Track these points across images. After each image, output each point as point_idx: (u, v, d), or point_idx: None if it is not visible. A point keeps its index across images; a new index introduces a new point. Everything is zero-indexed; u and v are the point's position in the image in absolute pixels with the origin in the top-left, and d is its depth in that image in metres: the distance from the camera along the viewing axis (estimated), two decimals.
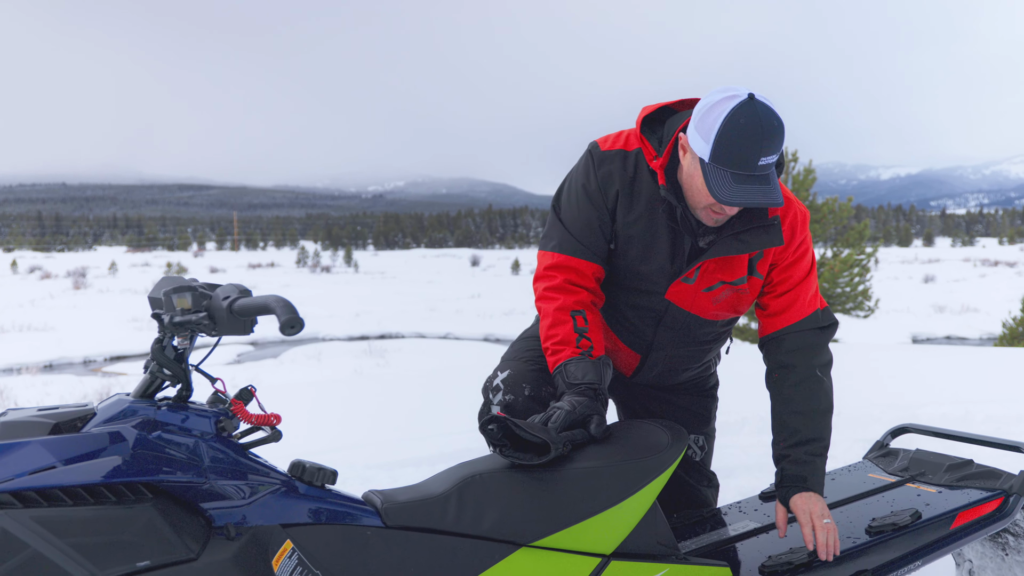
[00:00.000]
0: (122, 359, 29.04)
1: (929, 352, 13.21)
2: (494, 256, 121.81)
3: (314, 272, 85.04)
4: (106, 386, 16.40)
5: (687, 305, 2.62)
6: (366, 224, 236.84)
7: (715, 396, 3.05)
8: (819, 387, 2.58)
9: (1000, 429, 6.18)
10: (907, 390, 8.26)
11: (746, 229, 2.48)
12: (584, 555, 2.10)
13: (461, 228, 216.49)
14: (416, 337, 34.57)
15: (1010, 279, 58.60)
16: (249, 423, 1.93)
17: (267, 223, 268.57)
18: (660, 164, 2.46)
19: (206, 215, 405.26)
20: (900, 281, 56.86)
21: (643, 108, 2.59)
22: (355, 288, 58.96)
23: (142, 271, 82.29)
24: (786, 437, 2.57)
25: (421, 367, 22.20)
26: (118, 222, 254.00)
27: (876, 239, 76.75)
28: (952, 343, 30.34)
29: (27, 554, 1.54)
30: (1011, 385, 8.69)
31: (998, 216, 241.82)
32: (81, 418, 1.80)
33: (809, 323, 2.61)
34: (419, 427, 7.34)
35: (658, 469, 2.20)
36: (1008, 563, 2.96)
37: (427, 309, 43.31)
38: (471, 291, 55.21)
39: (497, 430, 2.16)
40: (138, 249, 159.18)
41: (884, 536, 2.51)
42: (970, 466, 2.91)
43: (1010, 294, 39.18)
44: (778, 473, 2.58)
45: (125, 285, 61.96)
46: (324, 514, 1.91)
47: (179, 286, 1.88)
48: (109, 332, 33.69)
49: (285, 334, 1.73)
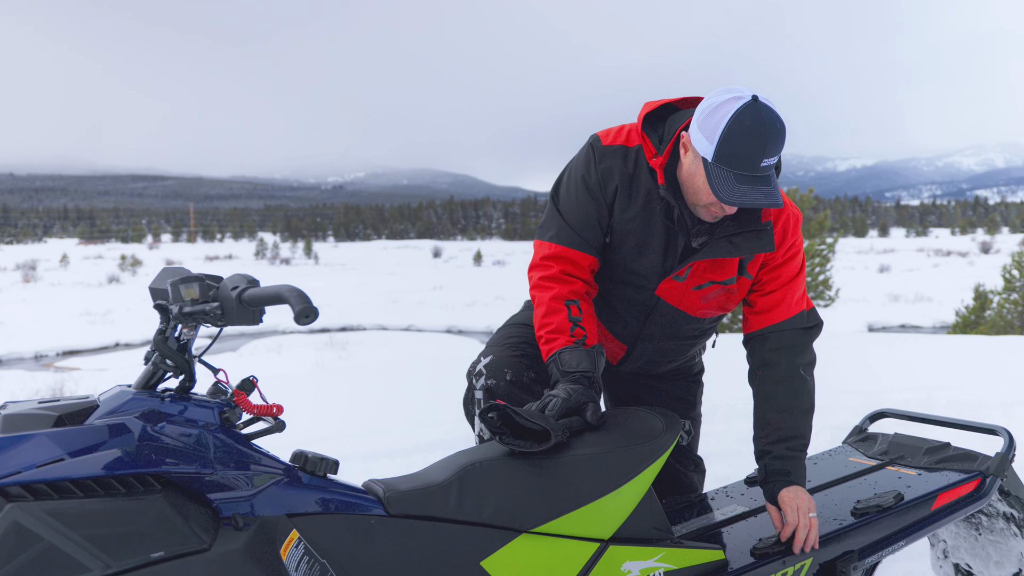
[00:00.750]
0: (75, 354, 28.66)
1: (887, 340, 13.43)
2: (456, 247, 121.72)
3: (273, 264, 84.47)
4: (59, 381, 16.15)
5: (676, 302, 2.65)
6: (326, 215, 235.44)
7: (700, 382, 3.09)
8: (802, 386, 2.62)
9: (963, 414, 6.32)
10: (869, 377, 8.40)
11: (739, 232, 2.50)
12: (583, 540, 2.13)
13: (422, 219, 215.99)
14: (378, 329, 34.50)
15: (962, 269, 59.66)
16: (251, 413, 1.92)
17: (224, 214, 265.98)
18: (660, 163, 2.47)
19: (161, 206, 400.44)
20: (856, 271, 57.65)
21: (645, 104, 2.59)
22: (315, 280, 58.65)
23: (95, 264, 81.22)
24: (768, 434, 2.60)
25: (385, 359, 22.17)
26: (69, 214, 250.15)
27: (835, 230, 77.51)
28: (907, 331, 30.84)
29: (41, 547, 1.53)
30: (969, 371, 8.87)
31: (950, 207, 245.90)
32: (84, 410, 1.78)
33: (795, 323, 2.64)
34: (389, 419, 7.34)
35: (653, 455, 2.23)
36: (981, 542, 3.03)
37: (389, 301, 43.22)
38: (433, 283, 55.18)
39: (497, 418, 2.18)
40: (90, 241, 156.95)
41: (869, 517, 2.57)
42: (948, 449, 2.98)
43: (962, 283, 39.90)
44: (761, 469, 2.60)
45: (77, 278, 61.16)
46: (328, 503, 1.92)
47: (186, 276, 1.87)
48: (61, 326, 33.26)
49: (300, 324, 1.74)
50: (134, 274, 64.90)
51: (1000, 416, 6.32)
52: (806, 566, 2.43)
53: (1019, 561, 2.95)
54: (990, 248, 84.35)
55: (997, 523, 2.96)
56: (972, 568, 3.08)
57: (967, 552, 3.08)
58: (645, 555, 2.21)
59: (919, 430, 3.24)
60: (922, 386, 7.81)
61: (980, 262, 66.51)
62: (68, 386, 15.22)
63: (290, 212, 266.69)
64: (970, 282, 32.05)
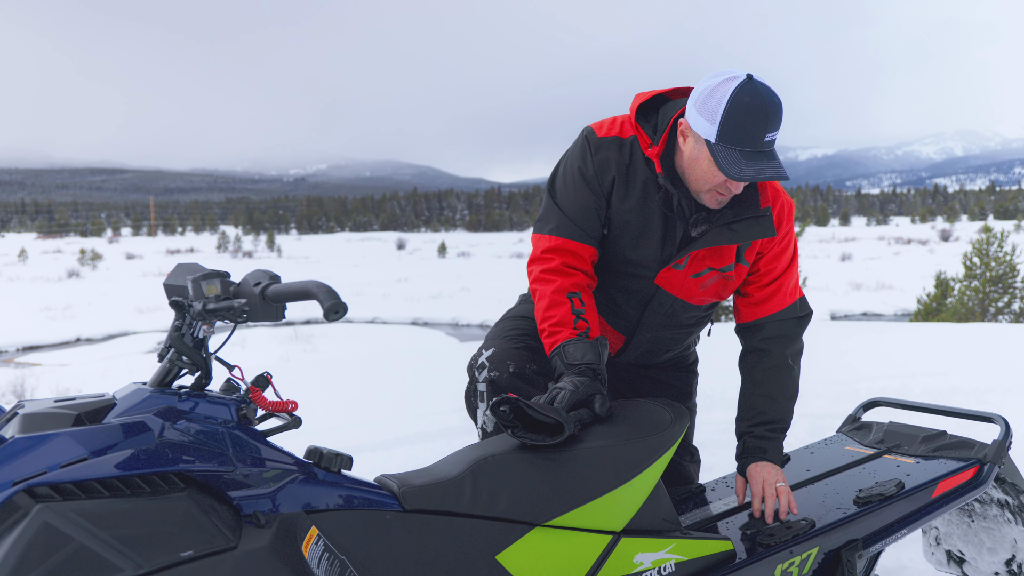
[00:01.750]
0: (35, 349, 28.29)
1: (857, 329, 13.56)
2: (420, 239, 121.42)
3: (236, 258, 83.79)
4: (20, 377, 15.93)
5: (675, 290, 2.67)
6: (288, 208, 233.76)
7: (695, 371, 3.13)
8: (788, 374, 2.71)
9: (938, 400, 6.40)
10: (845, 365, 8.49)
11: (738, 220, 2.54)
12: (596, 532, 2.13)
13: (386, 211, 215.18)
14: (343, 322, 34.32)
15: (923, 256, 60.38)
16: (266, 410, 1.91)
17: (185, 208, 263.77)
18: (656, 152, 2.50)
19: (120, 200, 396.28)
20: (818, 260, 58.15)
21: (637, 95, 2.62)
22: (279, 273, 58.17)
23: (54, 258, 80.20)
24: (751, 417, 2.69)
25: (353, 352, 22.07)
26: (27, 208, 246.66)
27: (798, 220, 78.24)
28: (869, 319, 31.17)
29: (72, 547, 1.51)
30: (940, 359, 8.98)
31: (910, 195, 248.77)
32: (101, 408, 1.76)
33: (788, 313, 2.71)
34: (366, 413, 7.32)
35: (663, 447, 2.24)
36: (974, 528, 3.07)
37: (353, 293, 42.97)
38: (398, 275, 54.98)
39: (508, 411, 2.18)
40: (49, 235, 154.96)
41: (872, 506, 2.60)
42: (944, 437, 3.01)
43: (923, 271, 40.37)
44: (739, 446, 2.70)
45: (36, 273, 60.34)
46: (345, 500, 1.91)
47: (207, 273, 1.85)
48: (20, 321, 32.80)
49: (329, 320, 1.72)
50: (94, 268, 64.16)
51: (975, 403, 6.42)
52: (812, 555, 2.45)
53: (1012, 547, 2.99)
54: (950, 236, 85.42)
55: (991, 510, 3.00)
56: (965, 555, 3.11)
57: (960, 539, 3.12)
58: (656, 547, 2.22)
59: (913, 418, 3.27)
60: (896, 374, 7.91)
61: (940, 250, 67.35)
62: (29, 382, 15.02)
63: (252, 205, 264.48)
64: (931, 270, 32.43)
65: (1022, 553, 2.98)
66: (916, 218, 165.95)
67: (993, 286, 23.69)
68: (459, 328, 30.79)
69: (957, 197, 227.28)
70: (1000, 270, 23.69)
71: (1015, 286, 23.69)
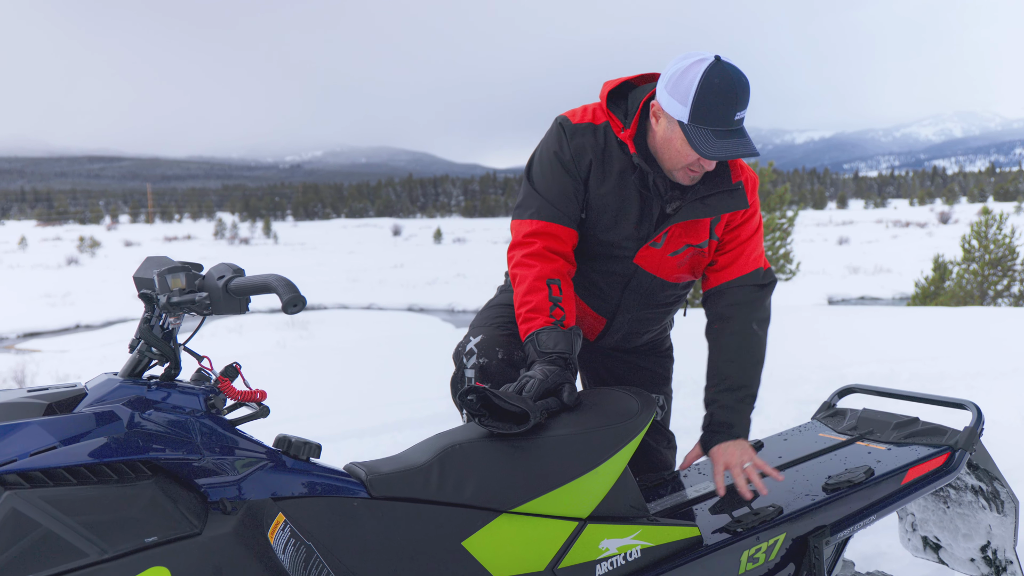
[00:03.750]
0: (35, 335, 28.39)
1: (850, 313, 13.60)
2: (416, 225, 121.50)
3: (232, 244, 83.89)
4: (20, 363, 16.01)
5: (653, 269, 2.72)
6: (284, 195, 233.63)
7: (672, 356, 3.17)
8: (754, 339, 2.74)
9: (925, 386, 6.43)
10: (833, 351, 8.52)
11: (711, 194, 2.62)
12: (562, 519, 2.16)
13: (381, 198, 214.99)
14: (339, 308, 34.37)
15: (921, 239, 60.42)
16: (235, 400, 1.94)
17: (182, 195, 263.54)
18: (629, 135, 2.57)
19: (118, 187, 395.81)
20: (815, 243, 58.21)
21: (605, 83, 2.69)
22: (275, 260, 58.32)
23: (53, 245, 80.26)
24: (717, 383, 2.72)
25: (347, 338, 22.11)
26: (26, 196, 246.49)
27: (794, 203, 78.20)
28: (866, 303, 31.21)
29: (39, 533, 1.55)
30: (931, 344, 9.01)
31: (908, 178, 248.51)
32: (73, 398, 1.80)
33: (750, 279, 2.76)
34: (356, 399, 7.35)
35: (629, 435, 2.26)
36: (949, 515, 3.09)
37: (349, 280, 43.07)
38: (393, 261, 55.06)
39: (476, 400, 2.20)
40: (48, 223, 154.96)
41: (840, 492, 2.62)
42: (916, 424, 3.03)
43: (921, 254, 40.36)
44: (706, 418, 2.73)
45: (36, 260, 60.45)
46: (312, 487, 1.93)
47: (172, 266, 1.88)
48: (21, 308, 32.90)
49: (288, 313, 1.76)
50: (93, 255, 64.31)
51: (963, 388, 6.44)
52: (779, 541, 2.48)
53: (987, 533, 3.01)
54: (948, 218, 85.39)
55: (965, 496, 3.02)
56: (940, 541, 3.14)
57: (935, 525, 3.14)
58: (622, 533, 2.24)
59: (887, 405, 3.29)
60: (884, 359, 7.94)
61: (939, 232, 67.36)
62: (29, 368, 15.09)
63: (248, 192, 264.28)
64: (929, 253, 32.43)
65: (996, 539, 3.01)
66: (915, 201, 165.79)
67: (992, 269, 23.68)
68: (455, 314, 30.83)
69: (956, 179, 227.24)
70: (999, 252, 23.69)
71: (1014, 269, 23.68)
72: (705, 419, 2.72)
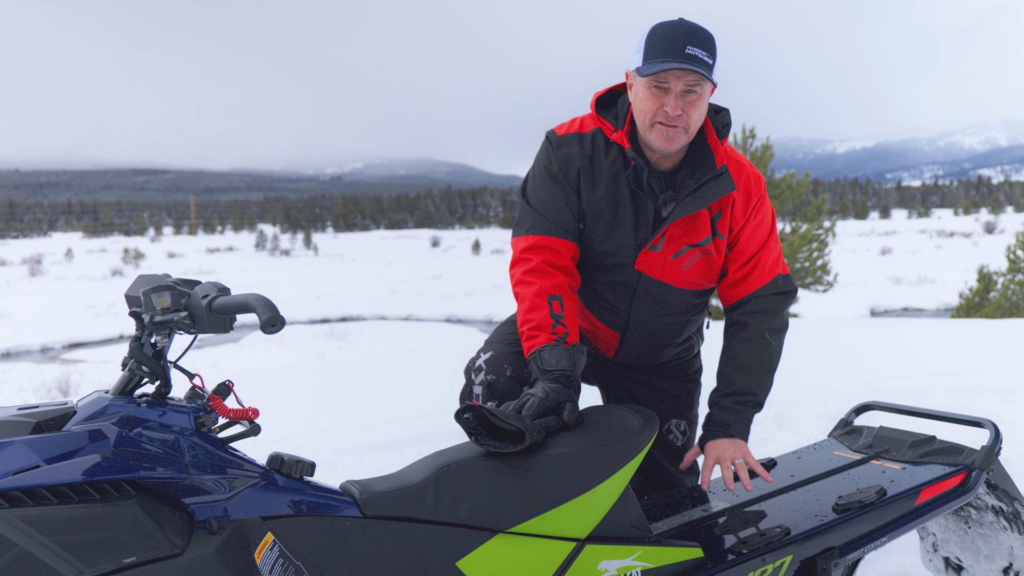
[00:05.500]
0: (80, 346, 28.79)
1: (888, 325, 13.41)
2: (454, 237, 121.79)
3: (273, 256, 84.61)
4: (65, 373, 16.25)
5: (657, 274, 2.68)
6: (325, 206, 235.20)
7: (698, 381, 3.09)
8: (764, 348, 2.69)
9: (960, 401, 6.29)
10: (868, 364, 8.39)
11: (699, 185, 2.57)
12: (559, 540, 2.13)
13: (421, 209, 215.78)
14: (378, 319, 34.53)
15: (965, 250, 59.55)
16: (227, 418, 1.93)
17: (224, 207, 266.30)
18: (623, 133, 2.58)
19: (162, 200, 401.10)
20: (857, 254, 57.59)
21: (595, 93, 2.70)
22: (315, 271, 58.78)
23: (99, 257, 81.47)
24: (722, 388, 2.69)
25: (384, 349, 22.21)
26: (73, 208, 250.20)
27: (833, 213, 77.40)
28: (910, 315, 30.79)
29: (15, 553, 1.55)
30: (969, 357, 8.83)
31: (953, 187, 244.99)
32: (62, 416, 1.80)
33: (769, 289, 2.71)
34: (386, 411, 7.36)
35: (630, 454, 2.23)
36: (971, 535, 3.02)
37: (388, 291, 43.26)
38: (432, 272, 55.23)
39: (473, 419, 2.18)
40: (94, 235, 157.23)
41: (851, 513, 2.56)
42: (933, 442, 2.96)
43: (965, 264, 39.81)
44: (706, 416, 2.71)
45: (82, 271, 61.37)
46: (303, 506, 1.93)
47: (158, 285, 1.88)
48: (66, 319, 33.40)
49: (266, 332, 1.76)
50: (137, 267, 65.17)
51: (998, 403, 6.28)
52: (786, 563, 2.43)
53: (1009, 555, 2.94)
54: (994, 228, 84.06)
55: (986, 516, 2.95)
56: (962, 561, 3.07)
57: (957, 545, 3.08)
58: (622, 554, 2.21)
59: (906, 422, 3.23)
60: (921, 372, 7.78)
61: (984, 243, 66.34)
62: (74, 378, 15.32)
63: (289, 203, 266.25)
64: (974, 263, 31.95)
65: (1019, 561, 2.93)
66: (959, 210, 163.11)
67: None
68: (493, 325, 30.57)
69: (1002, 188, 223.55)
70: None
71: None
72: (705, 419, 2.71)
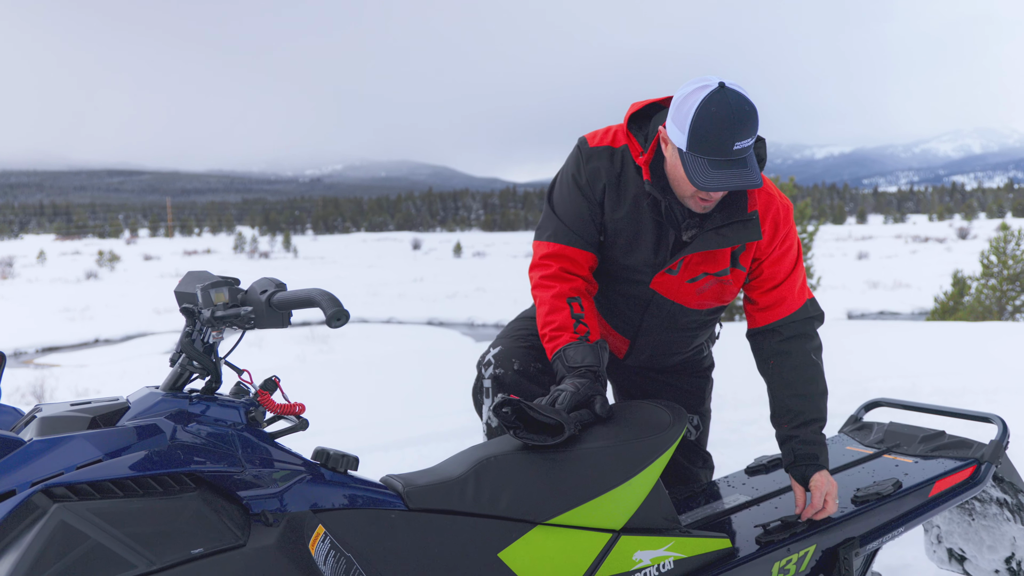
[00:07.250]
0: (55, 350, 28.50)
1: (868, 328, 13.55)
2: (435, 239, 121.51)
3: (252, 258, 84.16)
4: (39, 378, 16.04)
5: (671, 295, 2.72)
6: (304, 209, 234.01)
7: (709, 377, 3.14)
8: (816, 371, 2.70)
9: (948, 400, 6.42)
10: (854, 366, 8.49)
11: (726, 224, 2.57)
12: (596, 531, 2.19)
13: (401, 211, 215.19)
14: (359, 322, 34.41)
15: (940, 255, 60.04)
16: (275, 412, 1.98)
17: (202, 209, 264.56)
18: (645, 160, 2.56)
19: (138, 201, 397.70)
20: (835, 258, 57.90)
21: (632, 104, 2.68)
22: (295, 274, 58.44)
23: (72, 259, 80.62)
24: (790, 419, 2.66)
25: (366, 352, 22.14)
26: (45, 210, 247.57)
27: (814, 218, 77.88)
28: (885, 318, 31.02)
29: (88, 545, 1.58)
30: (951, 359, 8.98)
31: (928, 193, 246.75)
32: (116, 412, 1.84)
33: (800, 315, 2.71)
34: (379, 413, 7.38)
35: (662, 447, 2.30)
36: (975, 527, 3.11)
37: (369, 294, 43.09)
38: (413, 275, 55.10)
39: (511, 412, 2.24)
40: (67, 237, 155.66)
41: (870, 505, 2.65)
42: (943, 437, 3.05)
43: (940, 269, 40.11)
44: (788, 454, 2.66)
45: (55, 274, 60.73)
46: (351, 499, 1.97)
47: (215, 281, 1.92)
48: (39, 323, 33.04)
49: (332, 327, 1.80)
50: (112, 269, 64.58)
51: (984, 402, 6.42)
52: (810, 552, 2.50)
53: (1011, 545, 3.03)
54: (967, 234, 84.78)
55: (990, 508, 3.04)
56: (965, 553, 3.15)
57: (960, 537, 3.16)
58: (655, 544, 2.27)
59: (913, 418, 3.31)
60: (907, 374, 7.92)
61: (958, 248, 66.92)
62: (48, 383, 15.12)
63: (268, 205, 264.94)
64: (948, 268, 32.28)
65: (1021, 551, 3.02)
66: (934, 216, 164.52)
67: (1011, 284, 23.59)
68: (474, 328, 30.83)
69: (975, 195, 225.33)
70: (1018, 268, 23.58)
71: None
72: (788, 456, 2.65)
